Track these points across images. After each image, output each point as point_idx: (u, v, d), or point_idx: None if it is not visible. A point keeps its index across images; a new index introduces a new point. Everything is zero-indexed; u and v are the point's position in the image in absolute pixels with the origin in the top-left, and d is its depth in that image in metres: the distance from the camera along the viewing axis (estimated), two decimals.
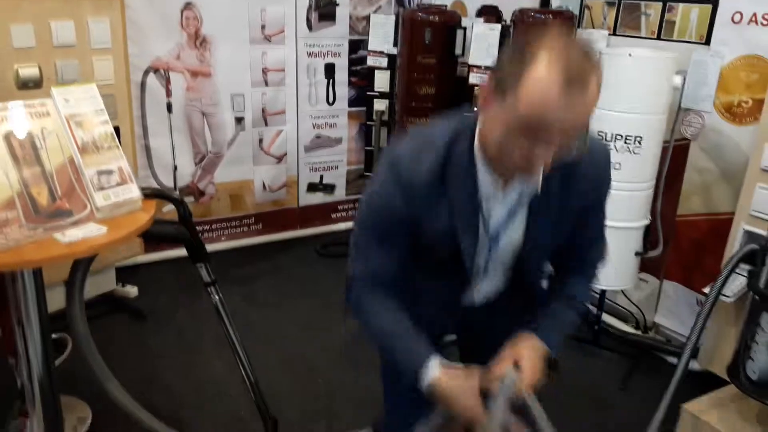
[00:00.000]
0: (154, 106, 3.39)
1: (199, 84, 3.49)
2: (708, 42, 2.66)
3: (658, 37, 2.85)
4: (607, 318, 3.10)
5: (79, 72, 2.71)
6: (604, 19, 3.11)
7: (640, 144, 2.52)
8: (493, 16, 3.55)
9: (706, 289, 2.40)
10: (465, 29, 3.42)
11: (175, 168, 3.55)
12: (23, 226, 1.42)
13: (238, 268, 3.62)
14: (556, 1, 3.32)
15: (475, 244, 1.28)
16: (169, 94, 3.41)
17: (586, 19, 3.22)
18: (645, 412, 2.30)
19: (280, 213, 4.01)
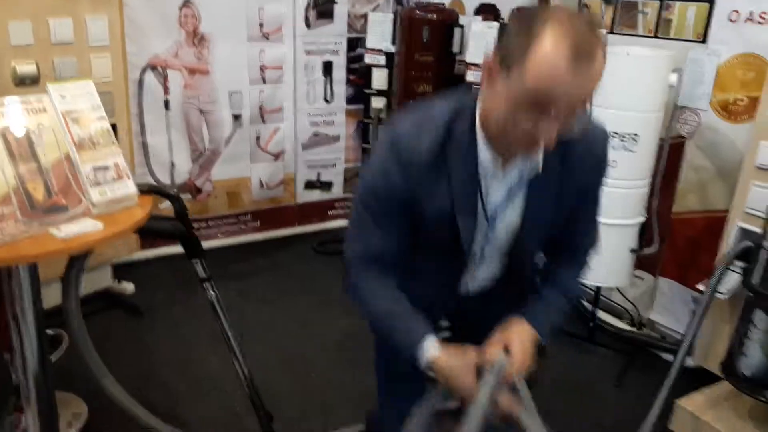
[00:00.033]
0: (152, 103, 3.38)
1: (197, 81, 3.49)
2: (705, 40, 2.66)
3: (655, 36, 2.86)
4: (603, 315, 3.11)
5: (76, 69, 2.71)
6: (602, 18, 3.11)
7: (636, 141, 2.54)
8: (491, 14, 3.55)
9: (701, 286, 2.41)
10: (463, 27, 3.43)
11: (173, 165, 3.56)
12: (19, 221, 1.43)
13: (235, 265, 3.62)
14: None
15: (474, 225, 1.27)
16: (166, 91, 3.41)
17: None
18: (640, 408, 2.31)
19: (278, 210, 4.02)
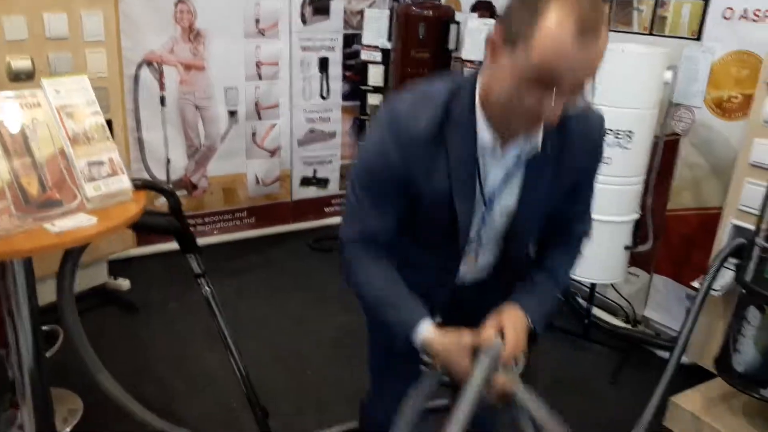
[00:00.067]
0: (148, 99, 3.38)
1: (193, 77, 3.48)
2: (699, 38, 2.67)
3: (650, 33, 2.86)
4: (598, 312, 3.11)
5: (72, 65, 2.70)
6: None
7: (631, 138, 2.54)
8: (487, 11, 3.56)
9: (695, 283, 2.42)
10: (459, 24, 3.43)
11: (168, 161, 3.55)
12: (13, 216, 1.43)
13: (231, 262, 3.62)
14: None
15: (471, 207, 1.27)
16: (162, 87, 3.41)
17: None
18: (635, 405, 2.32)
19: (274, 207, 4.02)
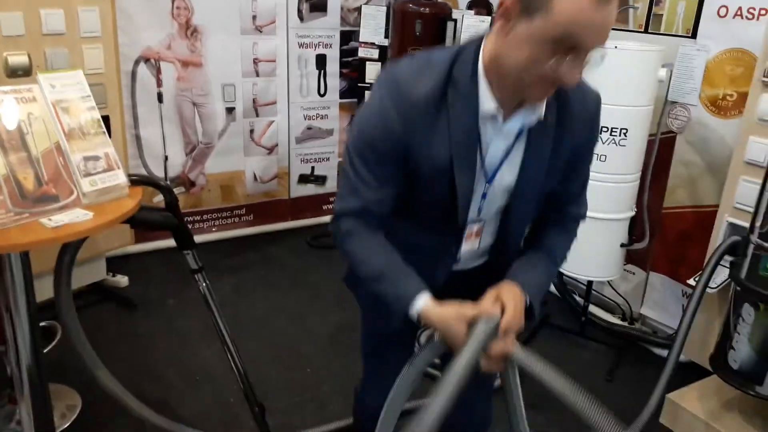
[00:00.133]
0: (145, 95, 3.38)
1: (190, 74, 3.48)
2: (694, 35, 2.68)
3: (646, 31, 2.87)
4: (594, 309, 3.13)
5: (68, 61, 2.70)
6: None
7: (626, 136, 2.55)
8: (484, 8, 3.56)
9: (691, 281, 2.43)
10: (456, 21, 3.43)
11: (166, 158, 3.56)
12: (9, 211, 1.43)
13: (229, 259, 3.63)
14: None
15: (471, 180, 1.24)
16: (159, 83, 3.41)
17: None
18: (631, 402, 2.33)
19: (271, 204, 4.02)
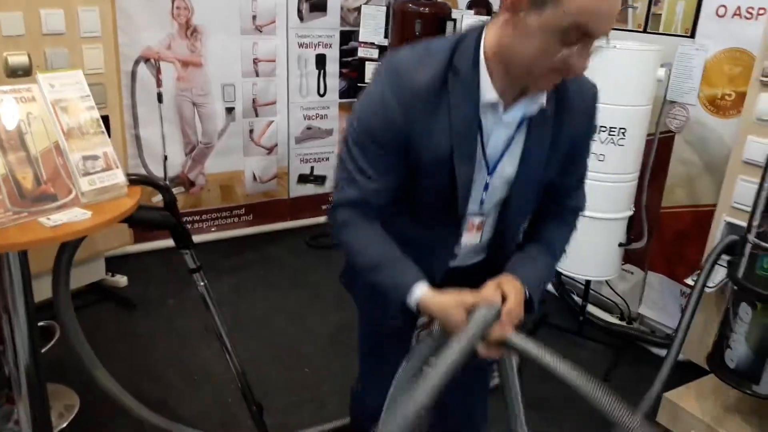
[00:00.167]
0: (145, 95, 3.39)
1: (190, 74, 3.49)
2: (693, 35, 2.68)
3: (645, 30, 2.87)
4: (592, 309, 3.13)
5: (68, 60, 2.71)
6: None
7: (624, 135, 2.55)
8: (483, 8, 3.57)
9: (689, 281, 2.43)
10: (455, 21, 3.44)
11: (165, 158, 3.56)
12: (8, 210, 1.44)
13: (228, 259, 3.63)
14: None
15: (471, 170, 1.24)
16: (159, 83, 3.41)
17: None
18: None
19: (271, 204, 4.02)
